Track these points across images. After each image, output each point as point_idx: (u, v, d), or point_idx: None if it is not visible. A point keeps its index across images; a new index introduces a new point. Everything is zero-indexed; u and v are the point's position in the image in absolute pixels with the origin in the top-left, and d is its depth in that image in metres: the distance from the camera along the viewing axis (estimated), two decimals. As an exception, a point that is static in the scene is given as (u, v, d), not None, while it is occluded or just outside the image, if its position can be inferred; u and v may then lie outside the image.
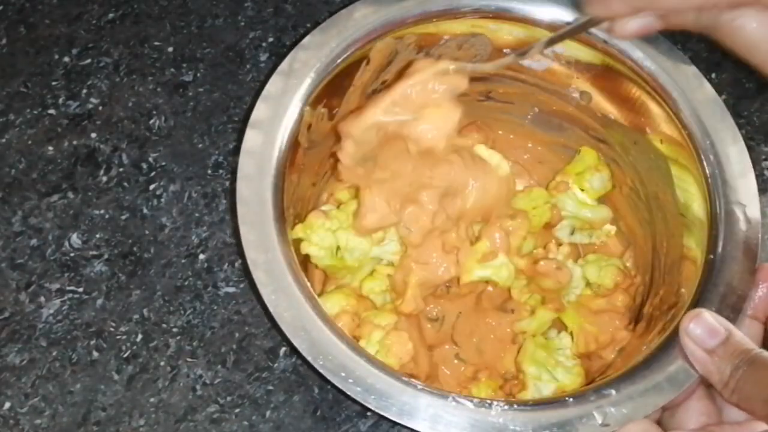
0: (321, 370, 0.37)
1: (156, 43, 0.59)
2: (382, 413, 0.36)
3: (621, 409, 0.36)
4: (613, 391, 0.37)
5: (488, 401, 0.36)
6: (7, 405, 0.47)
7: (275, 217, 0.41)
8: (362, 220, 0.44)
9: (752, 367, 0.35)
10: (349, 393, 0.36)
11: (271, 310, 0.38)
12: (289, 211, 0.43)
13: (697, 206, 0.43)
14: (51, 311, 0.50)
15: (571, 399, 0.37)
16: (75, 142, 0.56)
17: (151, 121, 0.57)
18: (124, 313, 0.50)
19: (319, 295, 0.45)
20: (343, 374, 0.36)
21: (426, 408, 0.36)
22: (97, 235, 0.53)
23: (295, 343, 0.37)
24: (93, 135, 0.56)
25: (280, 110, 0.43)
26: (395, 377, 0.37)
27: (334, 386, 0.37)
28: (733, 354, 0.35)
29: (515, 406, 0.36)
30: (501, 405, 0.36)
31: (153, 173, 0.55)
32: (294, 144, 0.43)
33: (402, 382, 0.37)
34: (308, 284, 0.40)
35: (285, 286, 0.39)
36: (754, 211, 0.41)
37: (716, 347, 0.36)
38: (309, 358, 0.37)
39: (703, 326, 0.37)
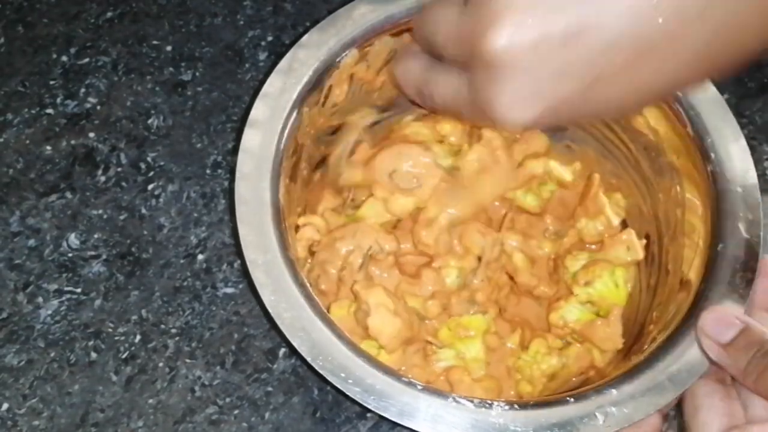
0: (320, 371, 0.36)
1: (154, 42, 0.59)
2: (381, 414, 0.36)
3: (622, 409, 0.36)
4: (615, 391, 0.37)
5: (488, 401, 0.36)
6: (5, 406, 0.47)
7: (274, 216, 0.40)
8: None
9: None
10: (348, 393, 0.36)
11: (271, 310, 0.38)
12: (287, 210, 0.43)
13: (698, 204, 0.43)
14: (49, 312, 0.50)
15: (572, 399, 0.37)
16: (73, 142, 0.55)
17: (150, 121, 0.56)
18: (122, 314, 0.50)
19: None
20: (342, 375, 0.36)
21: (426, 408, 0.36)
22: (96, 236, 0.52)
23: (295, 344, 0.37)
24: (91, 135, 0.56)
25: (278, 109, 0.43)
26: (395, 378, 0.37)
27: (333, 388, 0.36)
28: (750, 345, 0.35)
29: (516, 406, 0.36)
30: (502, 405, 0.36)
31: (151, 173, 0.55)
32: (293, 143, 0.43)
33: (402, 383, 0.36)
34: (307, 284, 0.39)
35: (284, 287, 0.38)
36: (755, 209, 0.41)
37: (733, 339, 0.36)
38: (308, 359, 0.37)
39: (717, 321, 0.37)
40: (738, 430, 0.36)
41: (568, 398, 0.37)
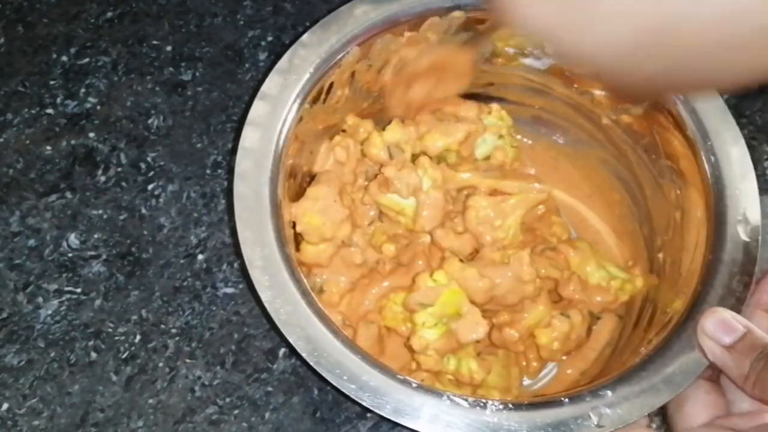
0: (316, 367, 0.36)
1: (154, 42, 0.59)
2: (376, 411, 0.36)
3: (616, 410, 0.36)
4: (609, 392, 0.37)
5: (483, 401, 0.36)
6: (5, 406, 0.47)
7: (272, 214, 0.40)
8: None
9: None
10: (343, 390, 0.36)
11: (267, 306, 0.38)
12: (285, 206, 0.43)
13: (696, 207, 0.43)
14: (49, 312, 0.50)
15: (566, 399, 0.37)
16: (73, 142, 0.55)
17: (150, 121, 0.56)
18: (122, 314, 0.50)
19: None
20: (338, 371, 0.36)
21: (420, 406, 0.36)
22: (96, 236, 0.52)
23: (291, 340, 0.37)
24: (91, 135, 0.56)
25: (278, 107, 0.43)
26: (390, 375, 0.37)
27: (333, 388, 0.37)
28: (752, 349, 0.35)
29: (510, 405, 0.36)
30: (496, 404, 0.36)
31: (151, 173, 0.55)
32: (293, 140, 0.43)
33: (397, 381, 0.37)
34: (305, 281, 0.39)
35: (281, 283, 0.39)
36: (754, 212, 0.41)
37: (734, 343, 0.36)
38: (304, 355, 0.37)
39: (720, 323, 0.37)
40: (722, 420, 0.36)
41: (562, 398, 0.37)
